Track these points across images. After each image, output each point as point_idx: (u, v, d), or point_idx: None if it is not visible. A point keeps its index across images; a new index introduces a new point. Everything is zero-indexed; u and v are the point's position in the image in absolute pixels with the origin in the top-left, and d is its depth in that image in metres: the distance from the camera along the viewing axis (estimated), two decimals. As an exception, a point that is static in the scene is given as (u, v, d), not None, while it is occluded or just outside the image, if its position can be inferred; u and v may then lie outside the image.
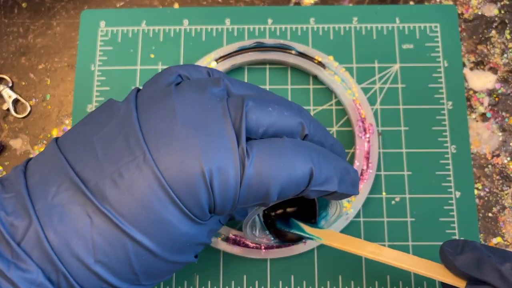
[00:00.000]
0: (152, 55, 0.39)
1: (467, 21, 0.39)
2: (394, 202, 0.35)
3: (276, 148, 0.23)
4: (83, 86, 0.38)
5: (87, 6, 0.40)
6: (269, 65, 0.38)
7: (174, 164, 0.22)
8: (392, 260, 0.27)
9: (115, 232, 0.22)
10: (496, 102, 0.38)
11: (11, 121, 0.38)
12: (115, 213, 0.22)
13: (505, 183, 0.36)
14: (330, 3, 0.40)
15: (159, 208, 0.22)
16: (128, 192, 0.22)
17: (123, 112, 0.24)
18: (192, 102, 0.24)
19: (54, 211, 0.22)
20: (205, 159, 0.22)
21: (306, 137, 0.25)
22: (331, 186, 0.25)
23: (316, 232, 0.30)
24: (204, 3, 0.40)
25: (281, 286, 0.34)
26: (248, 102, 0.24)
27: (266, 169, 0.23)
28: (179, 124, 0.23)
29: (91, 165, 0.23)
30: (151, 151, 0.22)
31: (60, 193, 0.22)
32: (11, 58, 0.39)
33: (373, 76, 0.38)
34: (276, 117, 0.24)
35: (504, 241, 0.35)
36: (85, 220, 0.22)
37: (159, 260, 0.23)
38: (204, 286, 0.34)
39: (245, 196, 0.23)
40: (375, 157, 0.35)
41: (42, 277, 0.22)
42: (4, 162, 0.37)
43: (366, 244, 0.29)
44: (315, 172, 0.24)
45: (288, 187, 0.23)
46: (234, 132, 0.23)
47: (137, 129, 0.23)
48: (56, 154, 0.24)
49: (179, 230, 0.23)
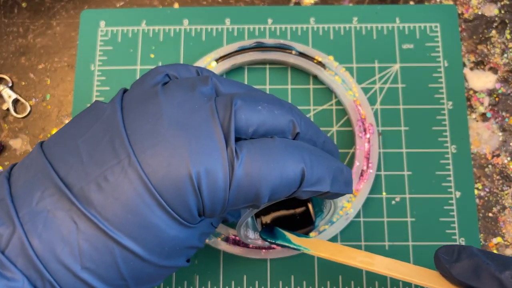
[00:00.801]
0: (152, 55, 0.39)
1: (467, 21, 0.39)
2: (394, 202, 0.35)
3: (266, 148, 0.23)
4: (83, 86, 0.38)
5: (87, 6, 0.40)
6: (269, 65, 0.38)
7: (160, 167, 0.22)
8: (385, 270, 0.26)
9: (101, 238, 0.22)
10: (496, 102, 0.38)
11: (11, 121, 0.38)
12: (100, 218, 0.21)
13: (505, 183, 0.36)
14: (330, 3, 0.40)
15: (145, 212, 0.22)
16: (113, 196, 0.21)
17: (108, 114, 0.23)
18: (179, 101, 0.23)
19: (39, 218, 0.21)
20: (193, 161, 0.22)
21: (298, 135, 0.25)
22: (323, 186, 0.24)
23: (303, 242, 0.29)
24: (204, 3, 0.40)
25: (281, 286, 0.34)
26: (237, 101, 0.23)
27: (256, 170, 0.22)
28: (166, 124, 0.22)
29: (75, 169, 0.22)
30: (136, 154, 0.22)
31: (44, 198, 0.22)
32: (11, 58, 0.39)
33: (373, 76, 0.38)
34: (266, 116, 0.24)
35: (504, 241, 0.35)
36: (71, 225, 0.21)
37: (148, 265, 0.23)
38: (204, 286, 0.34)
39: (235, 197, 0.23)
40: (375, 157, 0.35)
41: (28, 285, 0.21)
42: (4, 162, 0.37)
43: (356, 252, 0.27)
44: (307, 173, 0.23)
45: (279, 188, 0.23)
46: (223, 132, 0.23)
47: (122, 131, 0.22)
48: (41, 159, 0.23)
49: (167, 234, 0.23)
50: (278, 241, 0.29)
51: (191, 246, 0.25)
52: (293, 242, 0.29)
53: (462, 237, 0.34)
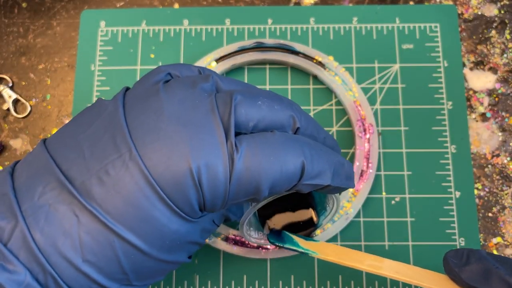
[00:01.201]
0: (152, 55, 0.39)
1: (467, 21, 0.39)
2: (394, 202, 0.35)
3: (266, 142, 0.23)
4: (83, 86, 0.38)
5: (87, 6, 0.40)
6: (269, 65, 0.38)
7: (161, 161, 0.22)
8: (394, 273, 0.26)
9: (102, 230, 0.22)
10: (496, 102, 0.38)
11: (11, 121, 0.38)
12: (101, 211, 0.22)
13: (505, 183, 0.36)
14: (330, 3, 0.40)
15: (146, 205, 0.22)
16: (114, 189, 0.22)
17: (110, 110, 0.24)
18: (180, 98, 0.23)
19: (41, 211, 0.22)
20: (193, 156, 0.22)
21: (298, 130, 0.25)
22: (324, 179, 0.24)
23: (311, 246, 0.29)
24: (204, 3, 0.40)
25: (281, 286, 0.34)
26: (236, 96, 0.23)
27: (256, 163, 0.22)
28: (166, 120, 0.23)
29: (77, 163, 0.22)
30: (137, 148, 0.22)
31: (46, 193, 0.22)
32: (11, 58, 0.39)
33: (373, 76, 0.38)
34: (266, 111, 0.24)
35: (504, 241, 0.35)
36: (72, 219, 0.22)
37: (149, 259, 0.23)
38: (204, 286, 0.34)
39: (235, 191, 0.23)
40: (375, 157, 0.35)
41: (30, 278, 0.21)
42: (4, 162, 0.37)
43: (364, 256, 0.27)
44: (307, 166, 0.23)
45: (279, 181, 0.23)
46: (223, 127, 0.23)
47: (124, 126, 0.23)
48: (43, 154, 0.23)
49: (167, 227, 0.23)
50: (286, 244, 0.29)
51: (192, 241, 0.25)
52: (301, 245, 0.29)
53: (462, 237, 0.34)
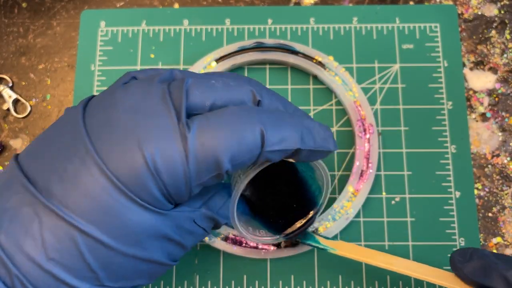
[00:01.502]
0: (152, 55, 0.39)
1: (467, 21, 0.39)
2: (394, 202, 0.35)
3: (219, 116, 0.23)
4: (83, 86, 0.38)
5: (87, 6, 0.40)
6: (269, 65, 0.38)
7: (115, 152, 0.22)
8: (405, 269, 0.29)
9: (63, 226, 0.22)
10: (496, 102, 0.38)
11: (11, 121, 0.38)
12: (61, 207, 0.22)
13: (505, 183, 0.36)
14: (330, 3, 0.40)
15: (105, 197, 0.22)
16: (72, 184, 0.22)
17: (71, 114, 0.25)
18: (133, 92, 0.24)
19: (6, 215, 0.22)
20: (145, 144, 0.22)
21: (260, 103, 0.25)
22: (290, 143, 0.24)
23: (330, 243, 0.31)
24: (204, 3, 0.40)
25: (281, 286, 0.34)
26: (188, 80, 0.24)
27: (210, 137, 0.22)
28: (119, 113, 0.23)
29: (41, 168, 0.23)
30: (93, 142, 0.23)
31: (11, 197, 0.23)
32: (11, 58, 0.39)
33: (373, 76, 0.38)
34: (221, 88, 0.24)
35: (504, 241, 0.35)
36: (34, 219, 0.22)
37: (116, 254, 0.23)
38: (204, 286, 0.34)
39: (196, 170, 0.23)
40: (375, 157, 0.35)
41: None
42: (4, 162, 0.37)
43: (377, 254, 0.30)
44: (268, 133, 0.23)
45: (239, 151, 0.23)
46: (175, 111, 0.23)
47: (80, 125, 0.23)
48: (12, 166, 0.24)
49: (129, 218, 0.23)
50: (308, 241, 0.31)
51: (165, 236, 0.24)
52: (321, 243, 0.31)
53: (462, 237, 0.34)
